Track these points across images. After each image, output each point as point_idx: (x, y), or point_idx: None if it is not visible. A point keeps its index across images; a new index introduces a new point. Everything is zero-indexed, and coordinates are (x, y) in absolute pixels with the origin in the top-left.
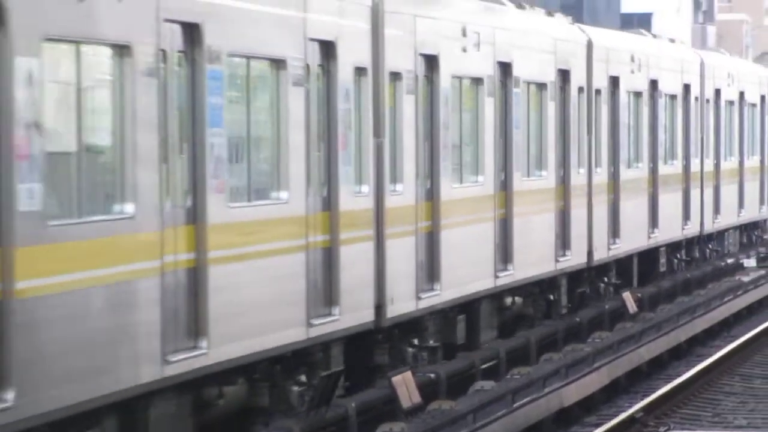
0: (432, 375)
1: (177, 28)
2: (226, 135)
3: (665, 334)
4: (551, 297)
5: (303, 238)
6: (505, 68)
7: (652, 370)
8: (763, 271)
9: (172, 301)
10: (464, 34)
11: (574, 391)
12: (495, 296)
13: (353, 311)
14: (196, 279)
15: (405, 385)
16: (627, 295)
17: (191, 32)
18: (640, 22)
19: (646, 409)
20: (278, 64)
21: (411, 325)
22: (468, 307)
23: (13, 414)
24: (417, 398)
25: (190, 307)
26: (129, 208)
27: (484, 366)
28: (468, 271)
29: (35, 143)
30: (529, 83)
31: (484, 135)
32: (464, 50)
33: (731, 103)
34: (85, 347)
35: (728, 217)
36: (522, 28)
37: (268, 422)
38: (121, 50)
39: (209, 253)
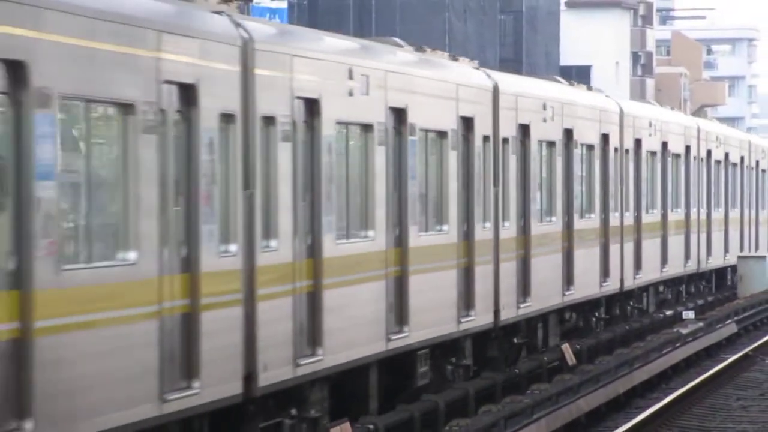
0: (370, 426)
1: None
2: None
3: (604, 386)
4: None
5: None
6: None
7: (591, 422)
8: (701, 324)
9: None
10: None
11: None
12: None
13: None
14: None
15: None
16: (566, 347)
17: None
18: (578, 74)
19: None
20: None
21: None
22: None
23: None
24: None
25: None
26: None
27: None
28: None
29: None
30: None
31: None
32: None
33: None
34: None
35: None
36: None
37: None
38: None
39: None
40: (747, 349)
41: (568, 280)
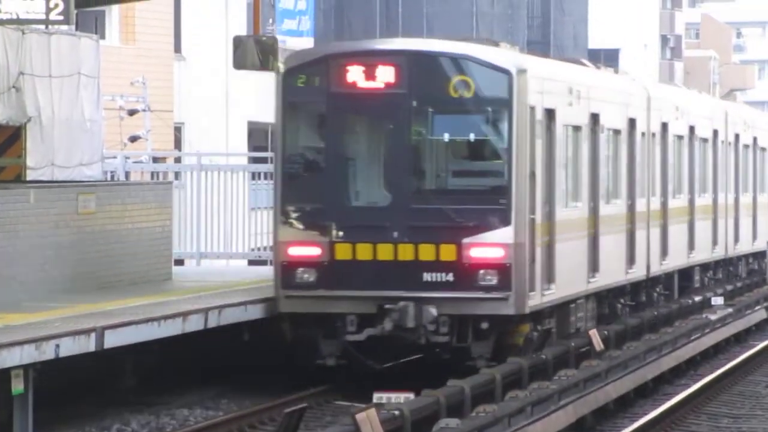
0: (396, 412)
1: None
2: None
3: (631, 372)
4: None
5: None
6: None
7: (618, 408)
8: (730, 309)
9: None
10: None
11: (539, 429)
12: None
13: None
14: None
15: (369, 422)
16: (593, 333)
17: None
18: (607, 58)
19: None
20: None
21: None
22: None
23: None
24: None
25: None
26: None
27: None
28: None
29: None
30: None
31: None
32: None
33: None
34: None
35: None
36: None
37: None
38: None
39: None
40: None
41: None
